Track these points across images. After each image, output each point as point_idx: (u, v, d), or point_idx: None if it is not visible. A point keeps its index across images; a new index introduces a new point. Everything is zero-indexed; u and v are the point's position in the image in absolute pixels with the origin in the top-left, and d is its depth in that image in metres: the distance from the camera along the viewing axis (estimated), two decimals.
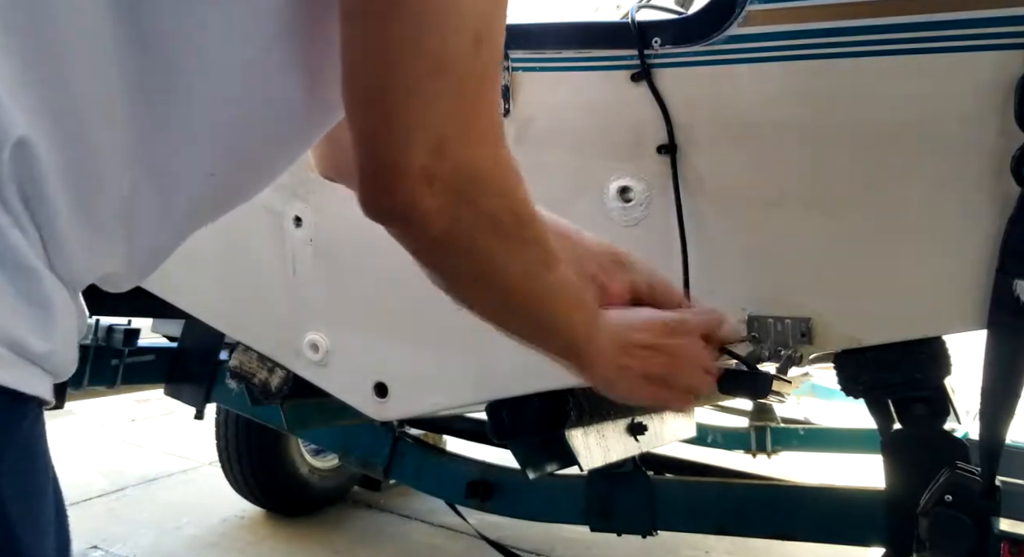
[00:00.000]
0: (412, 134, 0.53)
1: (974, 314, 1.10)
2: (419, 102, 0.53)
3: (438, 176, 0.55)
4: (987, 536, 1.16)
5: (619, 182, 1.25)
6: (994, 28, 1.00)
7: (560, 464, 1.85)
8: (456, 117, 0.54)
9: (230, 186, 0.64)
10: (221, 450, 2.86)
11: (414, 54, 0.52)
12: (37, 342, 0.49)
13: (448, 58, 0.53)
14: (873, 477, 1.53)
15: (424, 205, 0.55)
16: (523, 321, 0.72)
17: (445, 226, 0.57)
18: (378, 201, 0.57)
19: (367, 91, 0.55)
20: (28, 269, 0.49)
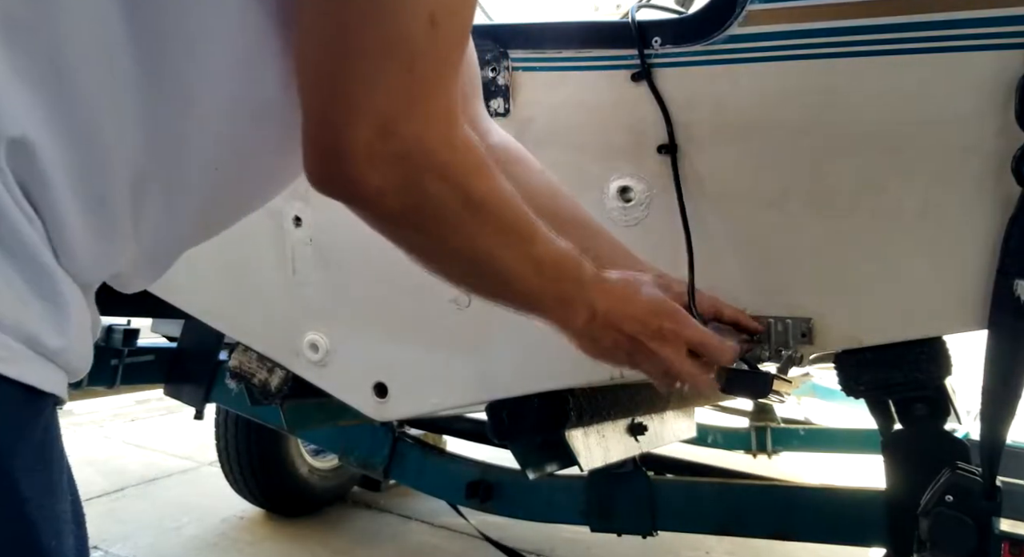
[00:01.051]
0: (358, 113, 0.53)
1: (974, 314, 1.10)
2: (367, 81, 0.53)
3: (381, 155, 0.54)
4: (988, 536, 1.16)
5: (619, 182, 1.25)
6: (994, 28, 1.00)
7: (560, 464, 1.85)
8: (404, 97, 0.54)
9: (237, 186, 0.64)
10: (221, 450, 2.86)
11: (364, 33, 0.52)
12: (52, 338, 0.49)
13: (400, 38, 0.52)
14: (873, 477, 1.53)
15: (368, 183, 0.56)
16: (488, 293, 0.73)
17: (393, 204, 0.58)
18: (324, 177, 0.58)
19: (316, 69, 0.55)
20: (41, 265, 0.49)
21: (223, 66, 0.56)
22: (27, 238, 0.48)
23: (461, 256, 0.66)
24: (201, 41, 0.54)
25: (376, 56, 0.52)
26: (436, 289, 1.52)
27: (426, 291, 1.43)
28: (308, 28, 0.54)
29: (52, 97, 0.49)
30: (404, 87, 0.53)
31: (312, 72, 0.55)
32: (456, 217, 0.61)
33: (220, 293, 1.65)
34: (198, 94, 0.56)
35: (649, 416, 1.88)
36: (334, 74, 0.54)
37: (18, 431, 0.48)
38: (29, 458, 0.48)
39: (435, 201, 0.59)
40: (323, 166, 0.57)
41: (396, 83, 0.53)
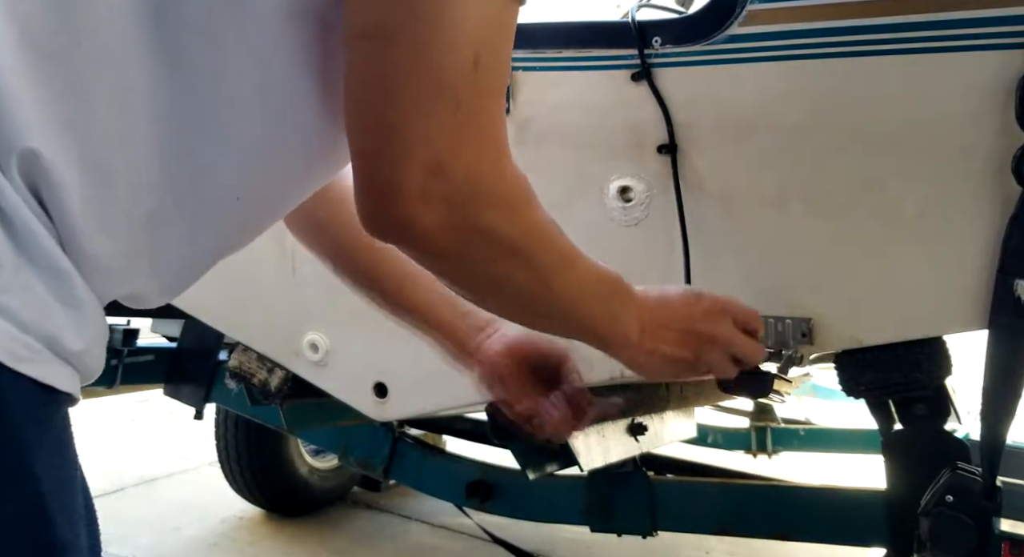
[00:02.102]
0: (409, 154, 0.54)
1: (975, 314, 1.10)
2: (416, 122, 0.54)
3: (435, 194, 0.55)
4: (988, 536, 1.16)
5: (619, 182, 1.24)
6: (994, 28, 1.00)
7: (560, 464, 1.85)
8: (454, 137, 0.55)
9: (258, 211, 0.66)
10: (220, 450, 2.86)
11: (412, 77, 0.53)
12: (72, 341, 0.51)
13: (446, 80, 0.53)
14: (874, 477, 1.53)
15: (422, 223, 0.56)
16: (541, 321, 0.74)
17: (446, 243, 0.58)
18: (376, 219, 0.58)
19: (367, 112, 0.55)
20: (60, 270, 0.51)
21: (250, 101, 0.57)
22: (45, 244, 0.50)
23: (516, 288, 0.66)
24: (229, 77, 0.56)
25: (423, 98, 0.53)
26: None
27: None
28: (355, 72, 0.55)
29: (68, 119, 0.51)
30: (452, 126, 0.54)
31: (361, 114, 0.56)
32: (509, 249, 0.62)
33: (220, 293, 1.65)
34: (223, 129, 0.57)
35: (649, 416, 1.88)
36: (383, 116, 0.54)
37: (40, 428, 0.49)
38: (49, 454, 0.50)
39: (488, 234, 0.60)
40: (376, 207, 0.57)
41: (444, 122, 0.54)
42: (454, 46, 0.53)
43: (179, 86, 0.54)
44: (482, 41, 0.54)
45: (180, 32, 0.54)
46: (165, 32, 0.53)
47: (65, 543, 0.50)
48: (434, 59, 0.53)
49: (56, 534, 0.49)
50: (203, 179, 0.58)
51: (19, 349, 0.48)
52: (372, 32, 0.54)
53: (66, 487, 0.51)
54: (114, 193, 0.53)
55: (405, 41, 0.53)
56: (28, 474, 0.48)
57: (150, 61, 0.53)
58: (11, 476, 0.47)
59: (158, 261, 0.59)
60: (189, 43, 0.54)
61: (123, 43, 0.52)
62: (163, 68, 0.53)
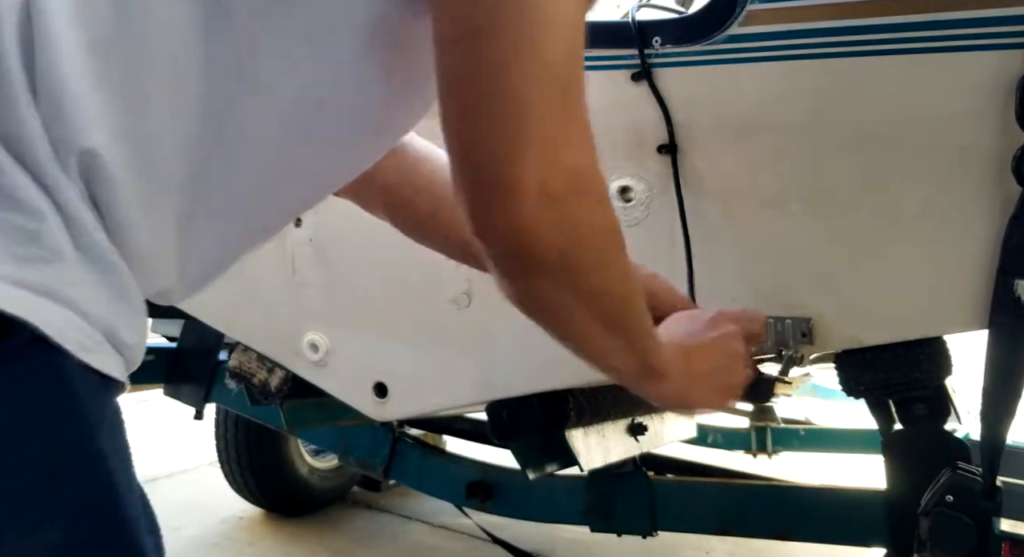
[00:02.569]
0: (525, 150, 0.53)
1: (975, 314, 1.10)
2: (529, 117, 0.53)
3: (552, 189, 0.54)
4: (988, 536, 1.16)
5: (619, 182, 1.24)
6: (994, 28, 1.00)
7: (560, 464, 1.85)
8: (564, 129, 0.55)
9: (286, 210, 0.68)
10: (220, 450, 2.86)
11: (519, 71, 0.53)
12: (127, 334, 0.53)
13: (551, 71, 0.54)
14: (874, 477, 1.53)
15: (540, 222, 0.54)
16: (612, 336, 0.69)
17: (559, 245, 0.56)
18: (493, 223, 0.56)
19: (474, 113, 0.55)
20: (113, 264, 0.52)
21: (288, 105, 0.58)
22: (98, 238, 0.51)
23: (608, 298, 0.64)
24: (270, 80, 0.56)
25: (533, 91, 0.53)
26: (436, 289, 1.53)
27: (426, 291, 1.43)
28: (456, 74, 0.55)
29: (127, 127, 0.52)
30: (561, 118, 0.55)
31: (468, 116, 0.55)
32: (608, 248, 0.61)
33: (220, 293, 1.65)
34: (262, 130, 0.58)
35: (649, 416, 1.88)
36: (493, 114, 0.54)
37: (103, 413, 0.52)
38: (111, 437, 0.52)
39: (595, 231, 0.59)
40: (493, 209, 0.55)
41: (554, 114, 0.54)
42: (555, 37, 0.54)
43: (227, 93, 0.55)
44: (576, 30, 0.55)
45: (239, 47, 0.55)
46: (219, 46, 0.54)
47: (132, 520, 0.52)
48: (538, 51, 0.53)
49: (125, 512, 0.51)
50: (236, 180, 0.58)
51: (86, 340, 0.49)
52: (469, 32, 0.53)
53: (127, 468, 0.53)
54: (157, 188, 0.55)
55: (507, 36, 0.53)
56: (98, 454, 0.50)
57: (206, 69, 0.54)
58: (83, 457, 0.49)
59: (186, 256, 0.60)
60: (239, 47, 0.55)
61: (182, 52, 0.53)
62: (217, 76, 0.54)
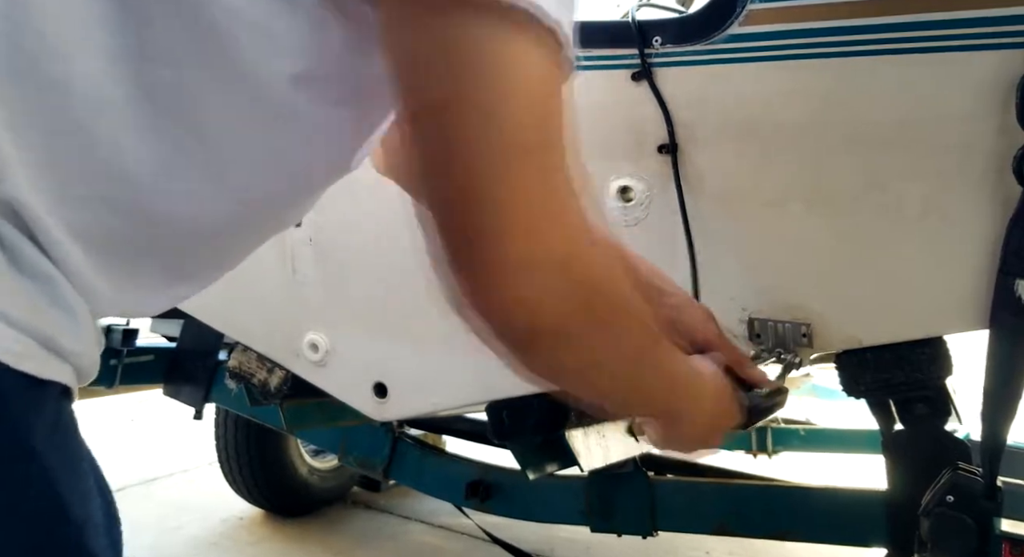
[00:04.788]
0: (506, 225, 0.52)
1: (975, 314, 1.10)
2: (506, 190, 0.52)
3: (539, 262, 0.53)
4: (988, 537, 1.16)
5: (619, 182, 1.24)
6: (994, 28, 1.00)
7: (560, 464, 1.85)
8: (546, 198, 0.53)
9: (252, 230, 0.66)
10: (220, 450, 2.85)
11: (490, 143, 0.51)
12: (68, 341, 0.53)
13: (523, 141, 0.52)
14: (874, 477, 1.53)
15: (530, 295, 0.54)
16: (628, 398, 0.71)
17: (554, 314, 0.55)
18: (483, 298, 0.55)
19: (448, 191, 0.53)
20: (49, 276, 0.52)
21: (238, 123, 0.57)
22: (29, 252, 0.51)
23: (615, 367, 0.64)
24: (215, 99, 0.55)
25: (507, 163, 0.51)
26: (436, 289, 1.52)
27: (426, 291, 1.43)
28: (424, 150, 0.53)
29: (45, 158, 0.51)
30: (542, 187, 0.53)
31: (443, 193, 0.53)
32: (612, 313, 0.60)
33: (219, 293, 1.65)
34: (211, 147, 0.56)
35: None
36: (469, 191, 0.52)
37: (37, 413, 0.51)
38: (49, 437, 0.51)
39: (594, 298, 0.57)
40: (480, 286, 0.54)
41: (534, 184, 0.52)
42: (525, 103, 0.51)
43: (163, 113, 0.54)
44: (548, 99, 0.53)
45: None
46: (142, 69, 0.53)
47: (78, 519, 0.51)
48: (509, 121, 0.51)
49: (68, 512, 0.50)
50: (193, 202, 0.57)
51: (16, 347, 0.49)
52: (436, 105, 0.52)
53: (73, 469, 0.52)
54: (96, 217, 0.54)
55: (474, 108, 0.51)
56: (30, 454, 0.49)
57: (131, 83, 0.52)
58: (14, 460, 0.49)
59: (145, 279, 0.60)
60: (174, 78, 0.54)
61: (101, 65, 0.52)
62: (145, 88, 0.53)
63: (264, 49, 0.53)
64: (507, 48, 0.50)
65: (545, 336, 0.57)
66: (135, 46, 0.52)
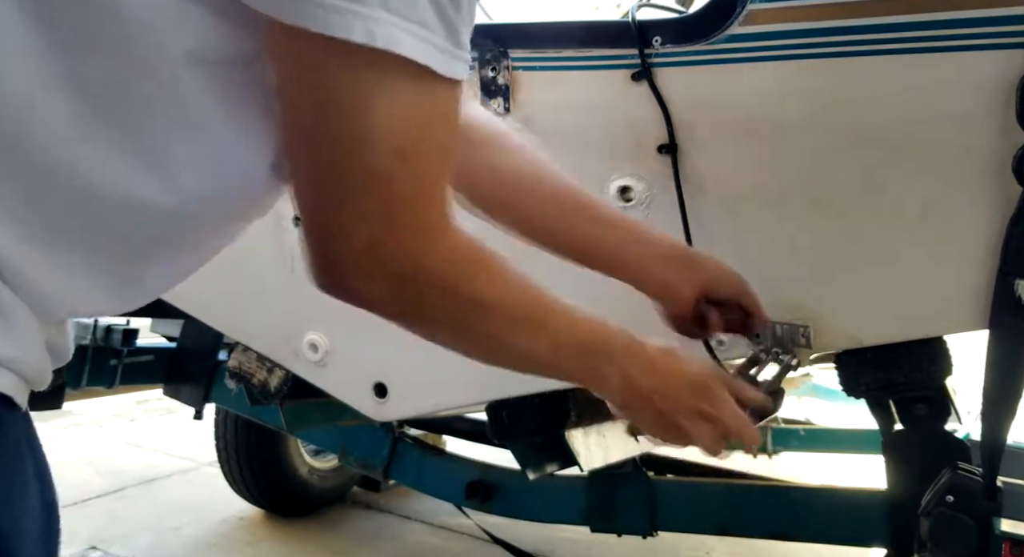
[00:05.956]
0: (346, 238, 0.56)
1: (975, 314, 1.10)
2: (348, 211, 0.56)
3: (376, 273, 0.58)
4: (988, 537, 1.16)
5: (619, 182, 1.24)
6: (994, 28, 1.00)
7: (560, 464, 1.85)
8: (386, 224, 0.56)
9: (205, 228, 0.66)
10: (220, 450, 2.85)
11: (337, 171, 0.55)
12: (8, 349, 0.52)
13: (369, 176, 0.54)
14: (874, 477, 1.53)
15: (366, 293, 0.60)
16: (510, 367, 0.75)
17: (393, 310, 0.62)
18: (326, 284, 0.61)
19: (307, 196, 0.58)
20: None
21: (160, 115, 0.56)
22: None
23: (470, 345, 0.70)
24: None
25: (351, 191, 0.55)
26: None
27: None
28: (291, 155, 0.58)
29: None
30: (383, 214, 0.56)
31: (302, 197, 0.58)
32: (456, 317, 0.65)
33: (219, 293, 1.65)
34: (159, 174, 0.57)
35: None
36: (319, 202, 0.57)
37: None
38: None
39: (432, 307, 0.63)
40: (323, 275, 0.60)
41: (375, 211, 0.55)
42: (372, 144, 0.53)
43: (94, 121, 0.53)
44: (406, 134, 0.54)
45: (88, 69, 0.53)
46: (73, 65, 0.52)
47: (5, 532, 0.50)
48: (355, 156, 0.54)
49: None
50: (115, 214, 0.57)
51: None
52: (297, 126, 0.55)
53: (8, 479, 0.52)
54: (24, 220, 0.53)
55: (325, 139, 0.54)
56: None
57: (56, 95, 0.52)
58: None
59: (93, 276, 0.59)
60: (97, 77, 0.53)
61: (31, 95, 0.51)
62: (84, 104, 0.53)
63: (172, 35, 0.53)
64: (366, 86, 0.52)
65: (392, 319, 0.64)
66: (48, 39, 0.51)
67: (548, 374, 0.77)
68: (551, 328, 0.70)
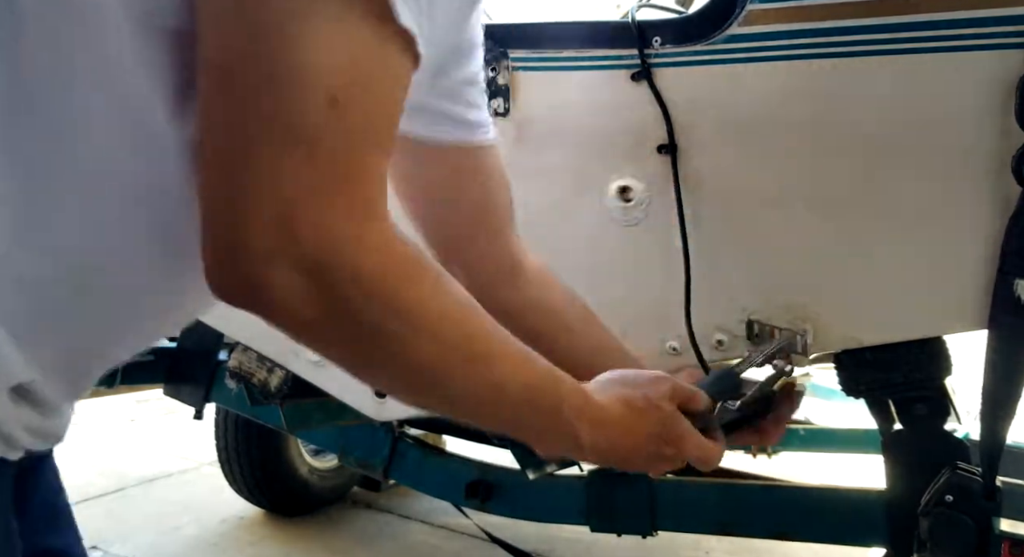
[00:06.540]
0: (255, 204, 0.46)
1: (974, 314, 1.10)
2: (262, 166, 0.46)
3: (284, 257, 0.47)
4: (988, 536, 1.16)
5: (619, 182, 1.24)
6: (994, 28, 1.00)
7: (560, 464, 1.85)
8: (305, 187, 0.47)
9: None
10: (220, 450, 2.85)
11: (257, 112, 0.46)
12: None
13: (294, 119, 0.46)
14: (874, 477, 1.53)
15: (270, 286, 0.47)
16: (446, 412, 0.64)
17: (303, 312, 0.49)
18: (220, 279, 0.49)
19: (210, 155, 0.48)
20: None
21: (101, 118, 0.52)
22: None
23: (396, 374, 0.56)
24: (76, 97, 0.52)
25: (270, 137, 0.46)
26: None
27: None
28: (201, 104, 0.49)
29: None
30: (304, 174, 0.47)
31: (205, 152, 0.49)
32: (381, 333, 0.51)
33: None
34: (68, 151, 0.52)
35: None
36: (227, 157, 0.47)
37: None
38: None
39: (351, 310, 0.50)
40: (220, 265, 0.49)
41: (295, 169, 0.46)
42: (304, 81, 0.46)
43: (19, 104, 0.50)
44: (343, 80, 0.47)
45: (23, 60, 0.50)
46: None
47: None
48: (281, 93, 0.46)
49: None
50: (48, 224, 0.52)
51: None
52: (218, 59, 0.47)
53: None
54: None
55: (250, 72, 0.46)
56: None
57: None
58: None
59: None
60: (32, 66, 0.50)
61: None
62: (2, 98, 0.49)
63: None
64: (310, 10, 0.46)
65: (301, 330, 0.51)
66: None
67: (483, 422, 0.65)
68: (494, 367, 0.58)
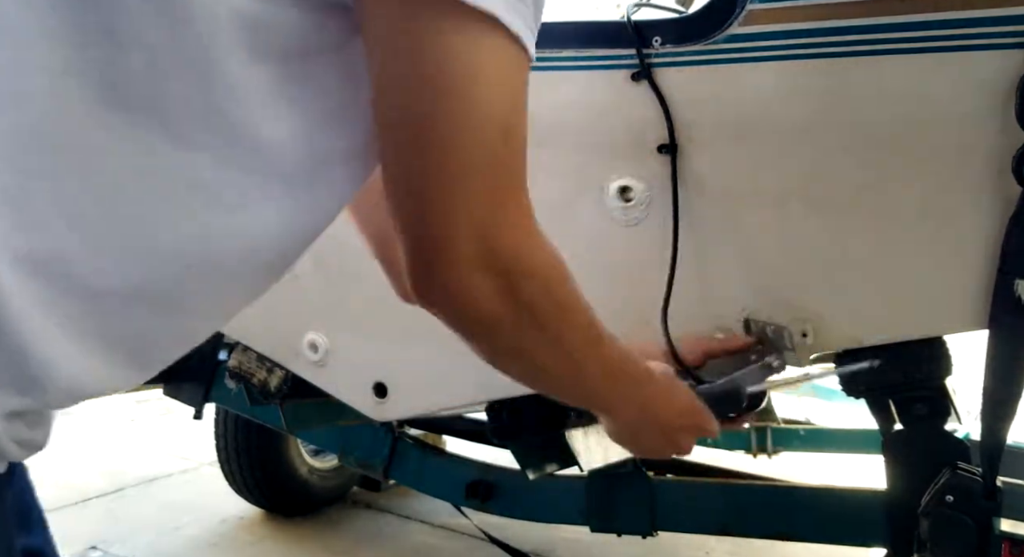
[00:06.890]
0: (455, 229, 0.55)
1: (975, 314, 1.10)
2: (458, 198, 0.55)
3: (483, 265, 0.57)
4: (988, 537, 1.16)
5: (619, 182, 1.24)
6: (994, 28, 1.00)
7: (560, 464, 1.85)
8: (494, 209, 0.56)
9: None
10: (220, 450, 2.85)
11: (450, 157, 0.54)
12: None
13: (482, 157, 0.55)
14: (874, 477, 1.53)
15: (472, 291, 0.57)
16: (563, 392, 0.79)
17: (495, 311, 0.59)
18: (430, 288, 0.59)
19: (409, 190, 0.56)
20: None
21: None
22: None
23: (548, 359, 0.68)
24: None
25: (463, 176, 0.54)
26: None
27: None
28: (393, 155, 0.56)
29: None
30: (492, 198, 0.56)
31: (404, 192, 0.57)
32: (548, 318, 0.63)
33: None
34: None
35: None
36: (425, 194, 0.55)
37: None
38: None
39: (531, 303, 0.61)
40: (428, 276, 0.58)
41: (485, 196, 0.55)
42: (487, 122, 0.54)
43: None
44: (509, 111, 0.56)
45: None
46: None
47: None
48: (469, 137, 0.54)
49: None
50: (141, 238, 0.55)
51: None
52: (405, 119, 0.54)
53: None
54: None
55: (439, 124, 0.53)
56: None
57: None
58: None
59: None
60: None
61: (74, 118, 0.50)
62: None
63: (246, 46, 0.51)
64: (477, 58, 0.52)
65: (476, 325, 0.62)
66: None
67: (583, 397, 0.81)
68: (604, 346, 0.72)
